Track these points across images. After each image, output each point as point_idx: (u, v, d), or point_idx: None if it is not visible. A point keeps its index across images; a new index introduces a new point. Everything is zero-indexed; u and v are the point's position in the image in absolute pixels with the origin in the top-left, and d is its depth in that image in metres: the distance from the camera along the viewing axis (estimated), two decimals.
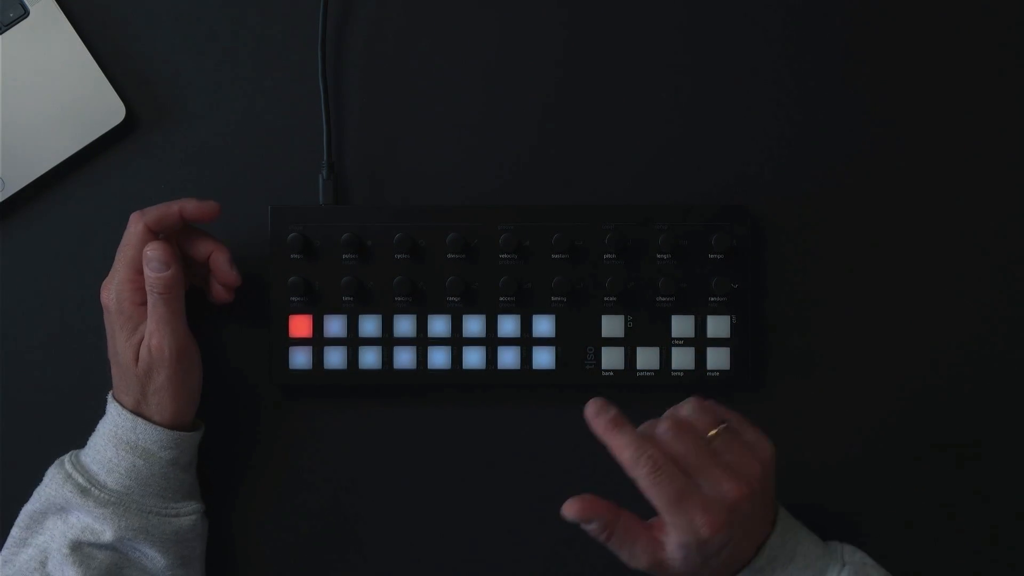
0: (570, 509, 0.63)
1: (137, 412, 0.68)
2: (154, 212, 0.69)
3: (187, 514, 0.69)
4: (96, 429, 0.69)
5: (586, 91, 0.76)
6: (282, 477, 0.75)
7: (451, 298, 0.73)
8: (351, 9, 0.76)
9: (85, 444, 0.70)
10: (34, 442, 0.74)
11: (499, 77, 0.76)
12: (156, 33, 0.76)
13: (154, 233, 0.68)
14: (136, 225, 0.68)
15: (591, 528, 0.64)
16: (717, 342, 0.73)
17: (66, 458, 0.69)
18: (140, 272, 0.68)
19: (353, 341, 0.73)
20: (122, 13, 0.76)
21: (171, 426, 0.68)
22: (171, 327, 0.67)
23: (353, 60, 0.76)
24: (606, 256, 0.73)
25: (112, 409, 0.69)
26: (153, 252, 0.67)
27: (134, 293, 0.68)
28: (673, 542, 0.62)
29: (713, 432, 0.64)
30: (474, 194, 0.76)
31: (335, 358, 0.73)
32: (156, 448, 0.68)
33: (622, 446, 0.62)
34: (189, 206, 0.69)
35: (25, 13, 0.74)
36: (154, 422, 0.68)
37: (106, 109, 0.74)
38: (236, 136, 0.76)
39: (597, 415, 0.64)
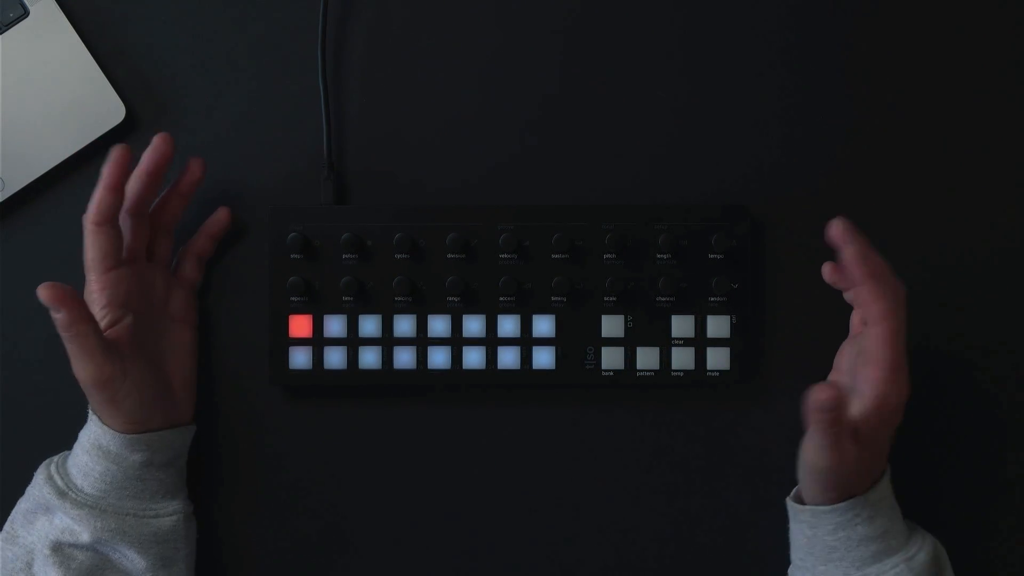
0: (822, 395, 0.62)
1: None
2: (98, 207, 0.67)
3: (167, 515, 0.69)
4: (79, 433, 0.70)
5: (586, 91, 0.76)
6: (282, 477, 0.75)
7: (451, 298, 0.73)
8: (351, 9, 0.76)
9: None
10: (34, 442, 0.74)
11: (499, 77, 0.76)
12: (156, 33, 0.76)
13: (107, 224, 0.67)
14: (85, 228, 0.68)
15: (827, 416, 0.63)
16: (717, 342, 0.73)
17: (55, 459, 0.69)
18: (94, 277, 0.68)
19: (353, 341, 0.73)
20: (122, 13, 0.76)
21: (130, 432, 0.67)
22: (82, 363, 0.66)
23: (353, 60, 0.76)
24: (606, 256, 0.73)
25: (90, 413, 0.69)
26: (44, 295, 0.64)
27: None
28: (873, 405, 0.63)
29: None
30: (474, 194, 0.76)
31: (335, 358, 0.73)
32: (127, 452, 0.67)
33: (880, 294, 0.63)
34: (136, 178, 0.69)
35: (25, 13, 0.74)
36: (151, 429, 0.68)
37: (106, 109, 0.74)
38: (236, 136, 0.76)
39: (862, 259, 0.64)
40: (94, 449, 0.67)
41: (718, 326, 0.73)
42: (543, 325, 0.73)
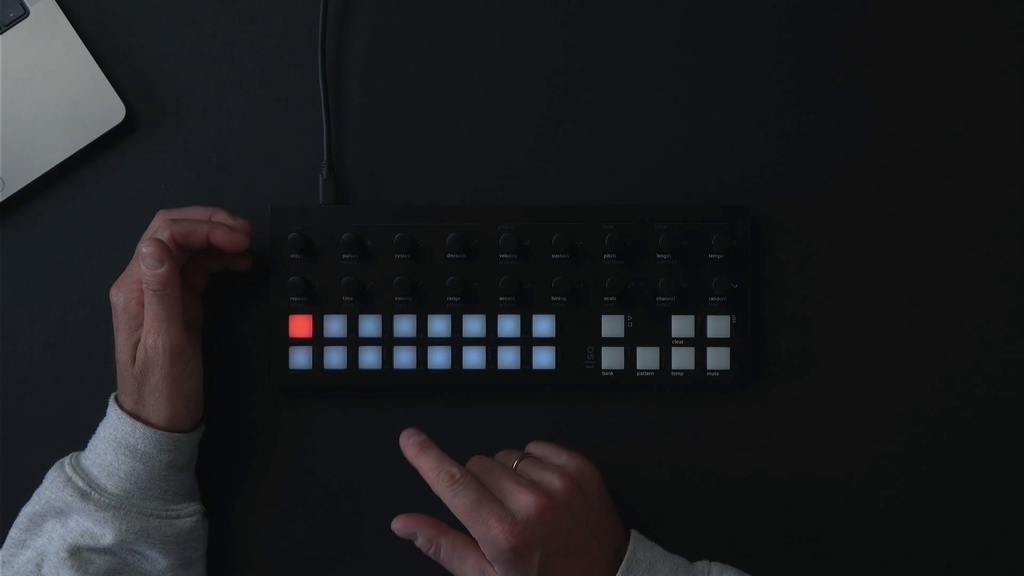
0: (396, 523, 0.67)
1: (135, 414, 0.68)
2: (183, 225, 0.69)
3: (187, 515, 0.69)
4: (96, 431, 0.69)
5: (586, 91, 0.76)
6: (282, 477, 0.75)
7: (451, 298, 0.73)
8: (351, 9, 0.76)
9: (85, 445, 0.70)
10: (34, 442, 0.74)
11: (499, 77, 0.76)
12: (156, 33, 0.76)
13: (178, 245, 0.68)
14: (163, 232, 0.68)
15: (418, 543, 0.67)
16: (717, 342, 0.73)
17: (66, 461, 0.69)
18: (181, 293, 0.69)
19: (353, 341, 0.73)
20: (122, 13, 0.76)
21: (168, 428, 0.68)
22: (166, 326, 0.67)
23: (353, 60, 0.76)
24: (606, 256, 0.73)
25: (112, 412, 0.69)
26: (148, 249, 0.67)
27: (141, 294, 0.68)
28: (488, 558, 0.63)
29: (516, 462, 0.66)
30: (474, 194, 0.76)
31: (335, 358, 0.73)
32: (155, 451, 0.68)
33: (425, 462, 0.65)
34: (218, 234, 0.69)
35: (25, 13, 0.74)
36: (151, 424, 0.68)
37: (106, 109, 0.74)
38: (236, 136, 0.76)
39: (407, 441, 0.66)
40: (121, 448, 0.67)
41: (718, 326, 0.73)
42: (543, 325, 0.73)
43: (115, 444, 0.68)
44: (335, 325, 0.73)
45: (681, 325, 0.73)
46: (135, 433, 0.67)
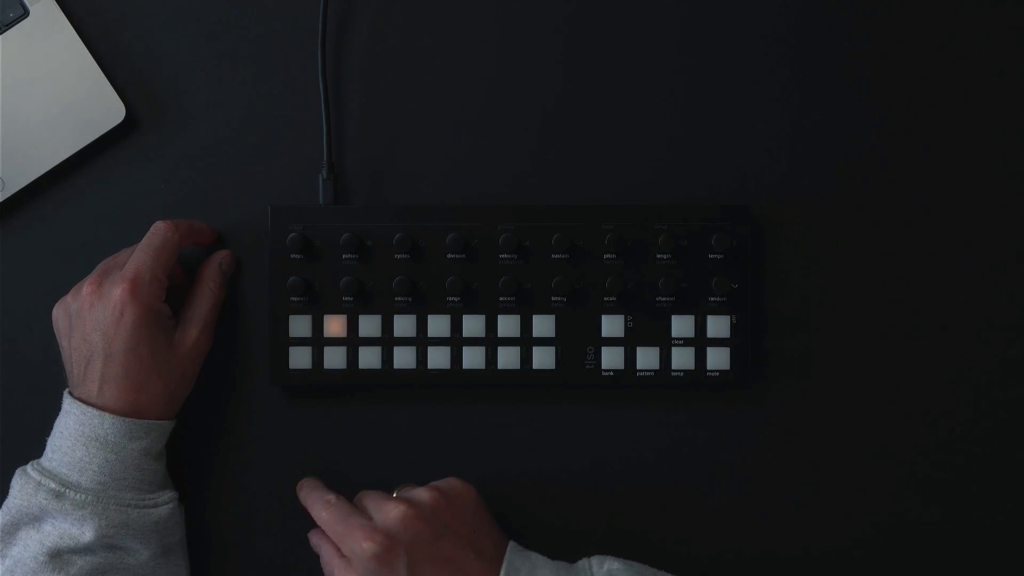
0: (311, 537, 0.71)
1: (99, 405, 0.67)
2: (186, 225, 0.73)
3: (164, 503, 0.69)
4: (53, 433, 0.69)
5: (586, 91, 0.76)
6: (282, 477, 0.75)
7: (451, 298, 0.73)
8: (351, 9, 0.76)
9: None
10: (34, 442, 0.74)
11: (499, 77, 0.76)
12: (156, 33, 0.76)
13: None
14: (173, 234, 0.71)
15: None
16: (717, 342, 0.73)
17: (28, 468, 0.68)
18: (167, 275, 0.70)
19: (353, 341, 0.73)
20: (122, 13, 0.76)
21: (133, 411, 0.68)
22: (205, 329, 0.72)
23: (353, 60, 0.76)
24: (606, 256, 0.73)
25: (75, 408, 0.68)
26: (221, 255, 0.74)
27: (163, 292, 0.70)
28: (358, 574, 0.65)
29: (396, 491, 0.71)
30: (474, 194, 0.76)
31: (335, 358, 0.73)
32: (125, 440, 0.67)
33: (306, 495, 0.70)
34: (195, 225, 0.74)
35: (25, 13, 0.74)
36: (149, 417, 0.68)
37: (106, 109, 0.74)
38: (236, 136, 0.76)
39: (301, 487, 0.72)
40: (89, 441, 0.67)
41: (718, 326, 0.73)
42: (543, 325, 0.73)
43: (83, 438, 0.67)
44: (335, 325, 0.73)
45: (681, 325, 0.73)
46: (104, 424, 0.67)
